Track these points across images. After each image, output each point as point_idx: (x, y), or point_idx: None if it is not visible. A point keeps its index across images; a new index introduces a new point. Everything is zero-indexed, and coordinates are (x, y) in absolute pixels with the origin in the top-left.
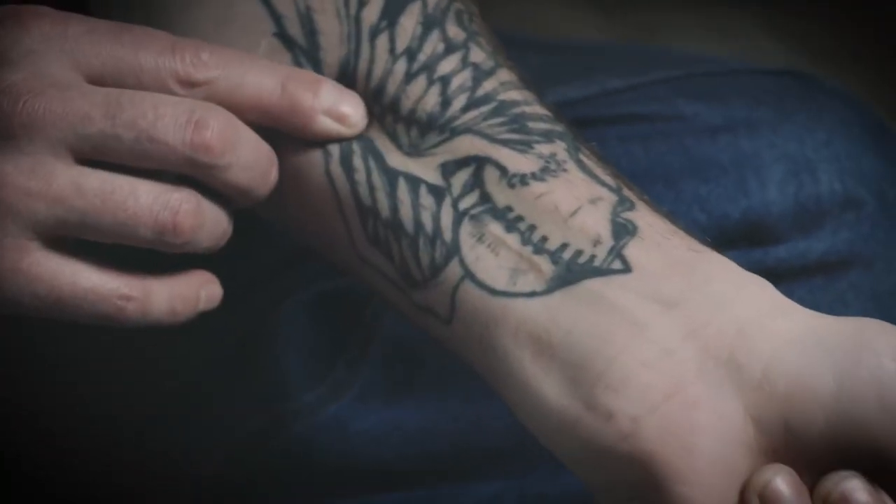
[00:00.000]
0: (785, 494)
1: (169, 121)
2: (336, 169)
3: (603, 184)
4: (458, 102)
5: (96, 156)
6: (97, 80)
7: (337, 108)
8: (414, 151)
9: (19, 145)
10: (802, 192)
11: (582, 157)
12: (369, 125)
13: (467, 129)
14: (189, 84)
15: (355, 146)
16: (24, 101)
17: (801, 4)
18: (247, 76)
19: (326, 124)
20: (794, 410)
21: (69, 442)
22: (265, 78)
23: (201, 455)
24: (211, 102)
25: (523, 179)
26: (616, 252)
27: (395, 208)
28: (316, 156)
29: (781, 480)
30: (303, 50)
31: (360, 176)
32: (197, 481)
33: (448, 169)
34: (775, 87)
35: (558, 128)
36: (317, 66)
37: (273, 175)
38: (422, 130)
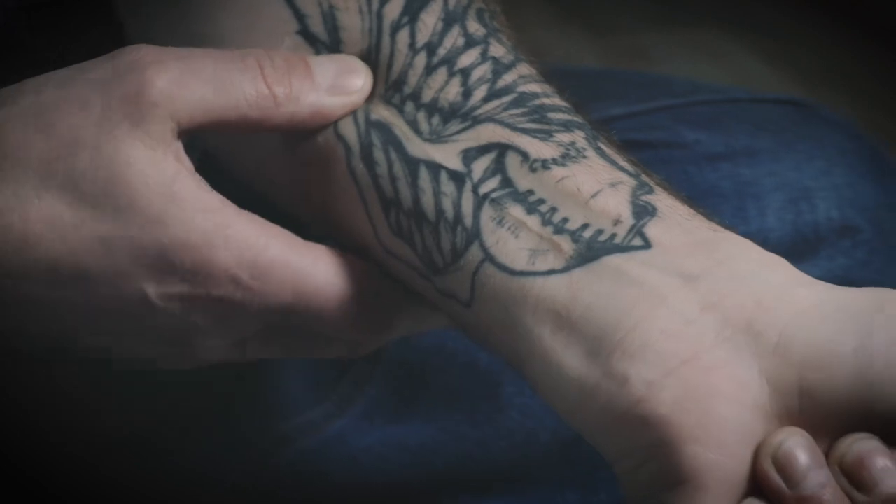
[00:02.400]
0: (798, 456)
1: None
2: (358, 165)
3: (622, 169)
4: (480, 93)
5: None
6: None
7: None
8: (435, 138)
9: None
10: (800, 220)
11: (601, 145)
12: (388, 113)
13: (489, 118)
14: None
15: (375, 138)
16: None
17: (788, 27)
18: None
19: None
20: (809, 374)
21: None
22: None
23: (206, 471)
24: None
25: (545, 164)
26: (637, 230)
27: (416, 197)
28: (338, 151)
29: (795, 442)
30: (325, 45)
31: (382, 169)
32: (202, 498)
33: (470, 155)
34: (776, 115)
35: (577, 118)
36: None
37: None
38: (444, 118)
